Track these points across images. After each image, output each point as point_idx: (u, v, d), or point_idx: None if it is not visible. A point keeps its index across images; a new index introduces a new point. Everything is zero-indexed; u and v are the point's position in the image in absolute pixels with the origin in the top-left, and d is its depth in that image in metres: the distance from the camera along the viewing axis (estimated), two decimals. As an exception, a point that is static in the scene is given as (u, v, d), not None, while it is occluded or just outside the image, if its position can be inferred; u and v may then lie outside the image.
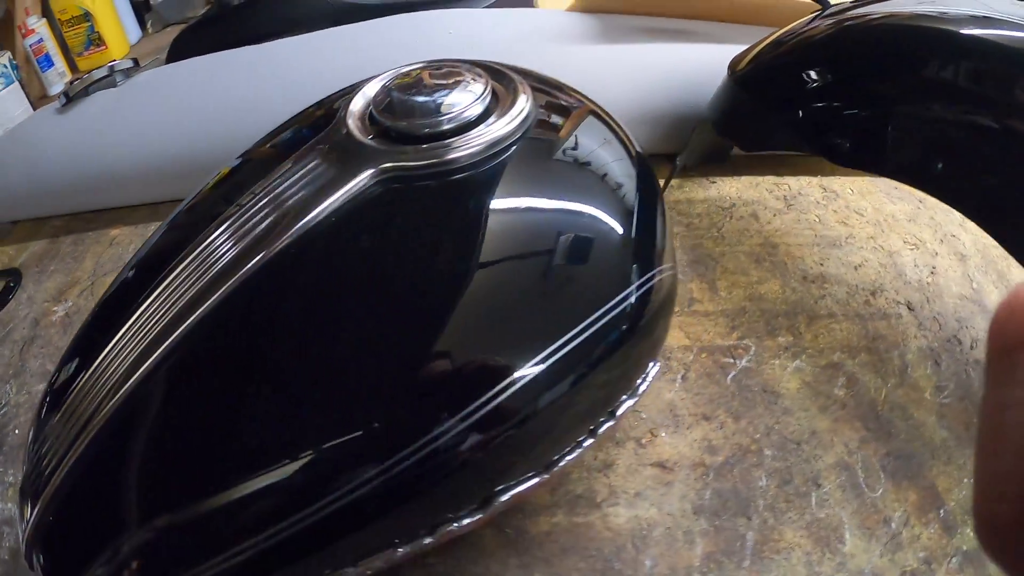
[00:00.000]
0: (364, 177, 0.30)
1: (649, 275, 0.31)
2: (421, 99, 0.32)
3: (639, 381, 0.32)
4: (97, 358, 0.30)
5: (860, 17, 0.46)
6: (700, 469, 0.40)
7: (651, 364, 0.33)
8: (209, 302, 0.29)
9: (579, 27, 0.61)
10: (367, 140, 0.32)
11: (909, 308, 0.53)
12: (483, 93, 0.32)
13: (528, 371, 0.27)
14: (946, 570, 0.37)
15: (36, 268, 0.67)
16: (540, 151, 0.33)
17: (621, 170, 0.34)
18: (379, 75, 0.35)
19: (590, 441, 0.30)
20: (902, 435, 0.44)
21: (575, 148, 0.34)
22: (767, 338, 0.48)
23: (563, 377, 0.28)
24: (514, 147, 0.32)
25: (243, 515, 0.26)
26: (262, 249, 0.29)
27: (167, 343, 0.29)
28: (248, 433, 0.27)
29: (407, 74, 0.34)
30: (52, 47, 0.96)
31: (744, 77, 0.46)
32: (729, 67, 0.48)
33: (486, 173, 0.31)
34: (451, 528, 0.28)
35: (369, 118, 0.33)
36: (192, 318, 0.29)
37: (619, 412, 0.31)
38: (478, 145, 0.31)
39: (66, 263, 0.67)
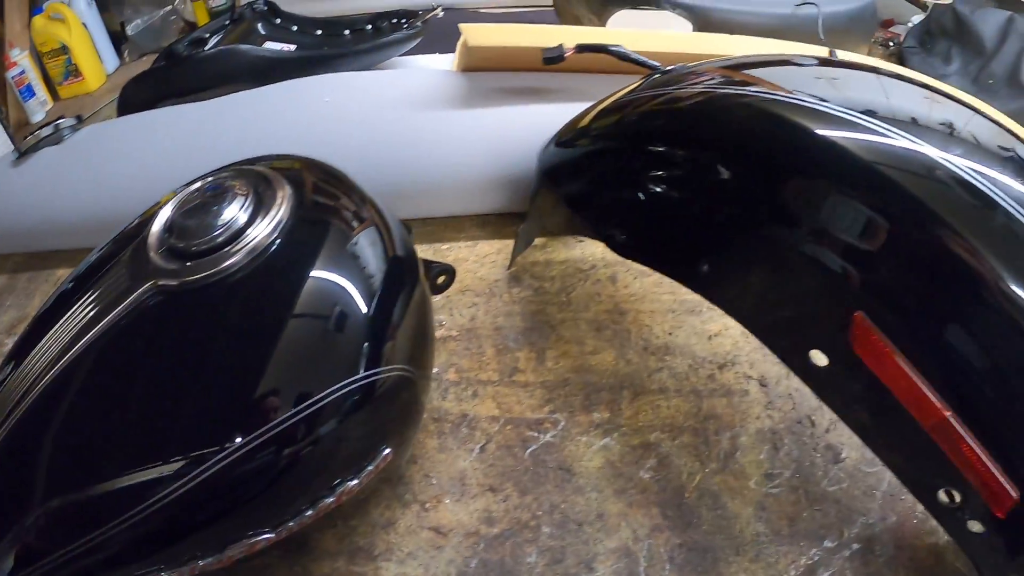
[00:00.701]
0: (139, 292, 0.42)
1: (372, 372, 0.42)
2: (191, 221, 0.44)
3: (367, 464, 0.43)
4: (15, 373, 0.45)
5: (687, 97, 0.52)
6: (473, 538, 0.50)
7: (384, 450, 0.44)
8: (45, 380, 0.43)
9: (454, 88, 0.71)
10: (154, 256, 0.44)
11: (761, 384, 0.59)
12: (245, 205, 0.44)
13: (253, 441, 0.39)
14: None
15: (-4, 302, 0.85)
16: (291, 254, 0.44)
17: (369, 270, 0.45)
18: (177, 191, 0.48)
19: (311, 512, 0.41)
20: (704, 526, 0.49)
21: (324, 250, 0.45)
22: (580, 413, 0.56)
23: (280, 453, 0.40)
24: (269, 253, 0.43)
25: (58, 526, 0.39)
26: (75, 343, 0.43)
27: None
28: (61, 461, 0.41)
29: (191, 192, 0.47)
30: (34, 77, 1.17)
31: (542, 160, 0.54)
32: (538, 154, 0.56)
33: (240, 281, 0.43)
34: (196, 564, 0.41)
35: (160, 235, 0.45)
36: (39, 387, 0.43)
37: (339, 490, 0.42)
38: (237, 255, 0.43)
39: (20, 299, 0.85)
